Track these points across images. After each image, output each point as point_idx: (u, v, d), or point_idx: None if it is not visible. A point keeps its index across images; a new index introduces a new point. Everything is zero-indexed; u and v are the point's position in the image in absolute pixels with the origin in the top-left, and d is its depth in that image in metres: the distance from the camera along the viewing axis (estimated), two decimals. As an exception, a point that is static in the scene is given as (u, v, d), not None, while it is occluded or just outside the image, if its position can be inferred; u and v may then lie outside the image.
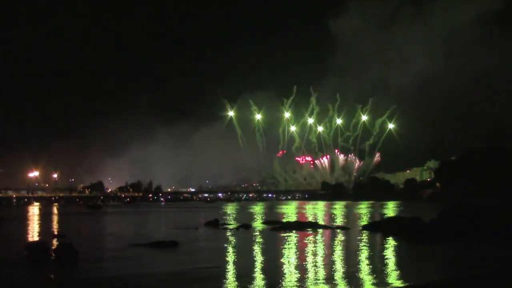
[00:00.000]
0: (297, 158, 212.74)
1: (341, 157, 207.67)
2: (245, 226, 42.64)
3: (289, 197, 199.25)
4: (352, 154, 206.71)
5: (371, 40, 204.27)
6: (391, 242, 29.93)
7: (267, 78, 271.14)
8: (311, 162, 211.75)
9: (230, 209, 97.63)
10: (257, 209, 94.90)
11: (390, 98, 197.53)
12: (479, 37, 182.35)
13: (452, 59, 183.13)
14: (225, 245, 29.86)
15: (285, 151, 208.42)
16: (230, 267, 21.41)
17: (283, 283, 17.61)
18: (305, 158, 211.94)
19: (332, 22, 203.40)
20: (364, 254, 24.96)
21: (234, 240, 32.72)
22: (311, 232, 36.97)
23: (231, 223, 46.99)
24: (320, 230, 38.04)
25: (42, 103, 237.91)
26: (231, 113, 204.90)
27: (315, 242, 31.22)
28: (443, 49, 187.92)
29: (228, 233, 37.32)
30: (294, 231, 37.01)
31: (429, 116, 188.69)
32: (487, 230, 29.55)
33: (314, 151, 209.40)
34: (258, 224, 45.93)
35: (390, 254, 25.24)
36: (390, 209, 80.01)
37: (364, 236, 33.57)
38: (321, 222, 45.43)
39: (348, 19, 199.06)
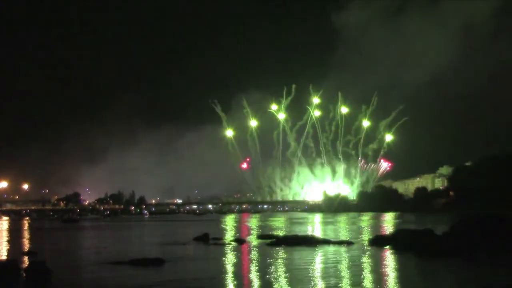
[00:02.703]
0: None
1: (343, 163, 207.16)
2: (238, 241, 42.48)
3: (287, 208, 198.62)
4: (362, 160, 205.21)
5: (377, 35, 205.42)
6: (400, 258, 29.86)
7: (262, 78, 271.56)
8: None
9: (221, 222, 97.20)
10: (252, 221, 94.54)
11: (397, 98, 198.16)
12: (496, 31, 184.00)
13: (466, 56, 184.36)
14: (216, 263, 29.67)
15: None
16: None
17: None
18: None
19: (335, 16, 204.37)
20: (371, 273, 24.83)
21: (226, 258, 32.56)
22: (311, 247, 36.83)
23: (222, 237, 46.82)
24: (321, 246, 37.93)
25: (11, 107, 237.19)
26: (222, 116, 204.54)
27: (315, 260, 31.09)
28: (456, 45, 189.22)
29: (220, 249, 37.19)
30: (292, 247, 36.88)
31: (441, 118, 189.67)
32: (507, 243, 29.57)
33: (312, 156, 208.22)
34: (252, 239, 45.80)
35: (399, 271, 25.16)
36: (399, 221, 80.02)
37: (371, 252, 33.50)
38: (322, 237, 45.34)
39: (352, 12, 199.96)
